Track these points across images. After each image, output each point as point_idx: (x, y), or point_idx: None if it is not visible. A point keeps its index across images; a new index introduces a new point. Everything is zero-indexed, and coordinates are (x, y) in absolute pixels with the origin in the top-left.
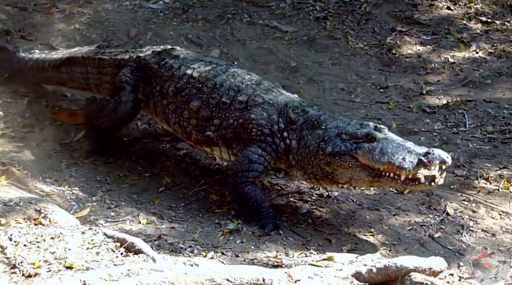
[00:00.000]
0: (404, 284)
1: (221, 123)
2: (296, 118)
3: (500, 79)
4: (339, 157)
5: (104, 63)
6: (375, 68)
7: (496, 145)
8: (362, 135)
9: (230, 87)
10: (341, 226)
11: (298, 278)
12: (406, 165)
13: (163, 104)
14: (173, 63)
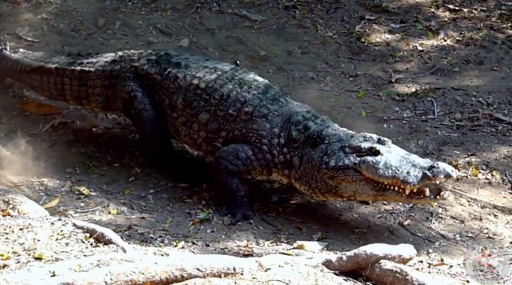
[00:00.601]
0: (374, 271)
1: (227, 135)
2: (298, 136)
3: (468, 66)
4: (342, 171)
5: (89, 75)
6: (344, 56)
7: (465, 132)
8: (366, 148)
9: (237, 98)
10: (311, 214)
11: (269, 266)
12: (411, 179)
13: (173, 117)
14: (177, 73)
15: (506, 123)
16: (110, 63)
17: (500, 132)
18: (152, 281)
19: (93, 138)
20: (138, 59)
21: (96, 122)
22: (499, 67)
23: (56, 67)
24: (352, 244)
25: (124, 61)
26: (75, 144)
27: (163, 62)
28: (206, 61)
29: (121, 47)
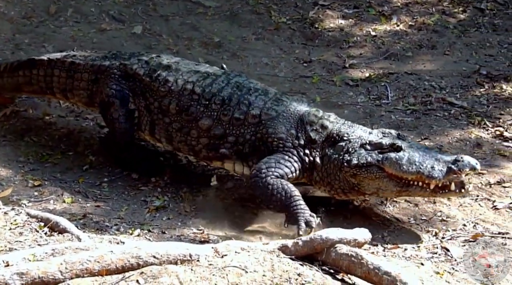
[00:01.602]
0: (329, 256)
1: (237, 140)
2: (317, 137)
3: (421, 51)
4: (365, 169)
5: (78, 67)
6: (298, 42)
7: (418, 116)
8: (387, 145)
9: (240, 101)
10: None
11: (225, 253)
12: (436, 174)
13: (166, 122)
14: (168, 77)
15: (459, 107)
16: (100, 58)
17: (452, 116)
18: (108, 269)
19: (46, 127)
20: (129, 57)
21: (49, 110)
22: (451, 51)
23: (49, 58)
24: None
25: (114, 58)
26: (28, 133)
27: (153, 64)
28: (196, 66)
29: (74, 35)
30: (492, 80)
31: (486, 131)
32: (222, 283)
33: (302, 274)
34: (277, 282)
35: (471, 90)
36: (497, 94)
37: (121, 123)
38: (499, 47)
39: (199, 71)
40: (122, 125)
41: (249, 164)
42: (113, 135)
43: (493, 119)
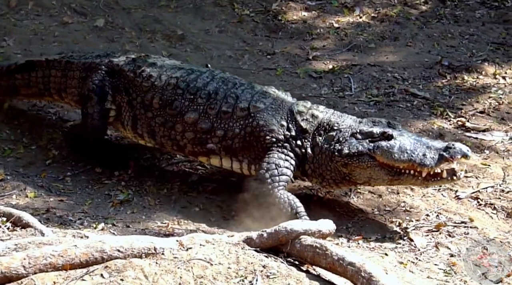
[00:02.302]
0: (294, 247)
1: (225, 134)
2: (308, 127)
3: (383, 43)
4: (356, 158)
5: (71, 66)
6: (261, 34)
7: (381, 108)
8: (378, 133)
9: (227, 95)
10: (231, 193)
11: (190, 245)
12: (428, 161)
13: (148, 117)
14: (151, 72)
15: (421, 98)
16: (94, 57)
17: (415, 107)
18: (72, 263)
19: (8, 121)
20: (119, 55)
21: (11, 104)
22: (413, 42)
23: (46, 58)
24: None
25: (106, 56)
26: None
27: (139, 61)
28: (181, 64)
29: (35, 28)
30: (454, 71)
31: (449, 121)
32: (187, 276)
33: (267, 266)
34: (242, 274)
35: (434, 81)
36: (459, 85)
37: (94, 119)
38: (461, 38)
39: (183, 68)
40: (95, 122)
41: (238, 159)
42: (84, 129)
43: (455, 109)
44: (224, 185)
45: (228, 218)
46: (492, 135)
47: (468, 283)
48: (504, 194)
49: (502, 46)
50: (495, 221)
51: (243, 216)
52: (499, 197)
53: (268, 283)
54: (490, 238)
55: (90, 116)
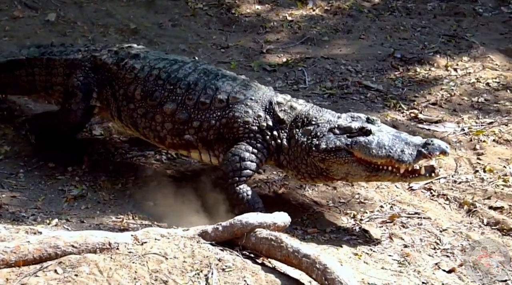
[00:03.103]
0: (249, 240)
1: (201, 125)
2: (285, 117)
3: (337, 35)
4: (334, 153)
5: (54, 63)
6: (215, 28)
7: (335, 100)
8: (357, 128)
9: (207, 86)
10: (187, 186)
11: (145, 240)
12: (406, 157)
13: (130, 108)
14: (134, 64)
15: (374, 90)
16: (74, 52)
17: (369, 99)
18: (25, 260)
19: None
20: (100, 49)
21: None
22: (366, 35)
23: (27, 57)
24: (227, 214)
25: (87, 50)
26: None
27: (121, 53)
28: (166, 55)
29: None
30: (406, 63)
31: (402, 113)
32: (142, 270)
33: (222, 259)
34: (197, 268)
35: (386, 74)
36: (411, 77)
37: (77, 116)
38: (413, 30)
39: (166, 59)
40: (78, 119)
41: (215, 154)
42: (62, 123)
43: (408, 101)
44: (180, 178)
45: (183, 212)
46: (445, 126)
47: (421, 273)
48: (456, 185)
49: (454, 38)
50: (448, 212)
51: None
52: (452, 188)
53: (223, 276)
54: (443, 229)
55: (73, 113)
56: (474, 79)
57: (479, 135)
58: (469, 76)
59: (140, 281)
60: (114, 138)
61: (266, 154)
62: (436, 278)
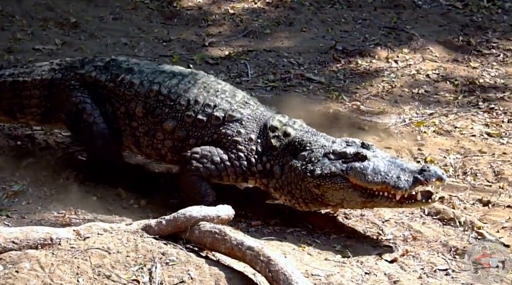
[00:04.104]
0: (193, 234)
1: (196, 143)
2: (278, 144)
3: (279, 28)
4: (329, 179)
5: (25, 85)
6: (157, 21)
7: (278, 93)
8: (352, 154)
9: (206, 103)
10: (132, 181)
11: (87, 235)
12: (402, 184)
13: (133, 127)
14: (132, 79)
15: (317, 82)
16: (48, 71)
17: (311, 91)
18: None
19: None
20: (82, 66)
21: None
22: (308, 28)
23: None
24: (170, 209)
25: (65, 68)
26: None
27: (113, 69)
28: (159, 66)
29: None
30: (348, 55)
31: (344, 105)
32: (85, 265)
33: (166, 253)
34: (141, 262)
35: (328, 66)
36: (353, 69)
37: (98, 124)
38: (354, 23)
39: (164, 71)
40: (100, 126)
41: None
42: (93, 142)
43: (350, 93)
44: (122, 174)
45: (127, 206)
46: (386, 117)
47: (364, 263)
48: None
49: (394, 30)
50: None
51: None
52: None
53: (167, 270)
54: (385, 219)
55: (93, 124)
56: (414, 71)
57: (420, 126)
58: (409, 68)
59: (83, 277)
60: (55, 132)
61: (238, 173)
62: (378, 268)
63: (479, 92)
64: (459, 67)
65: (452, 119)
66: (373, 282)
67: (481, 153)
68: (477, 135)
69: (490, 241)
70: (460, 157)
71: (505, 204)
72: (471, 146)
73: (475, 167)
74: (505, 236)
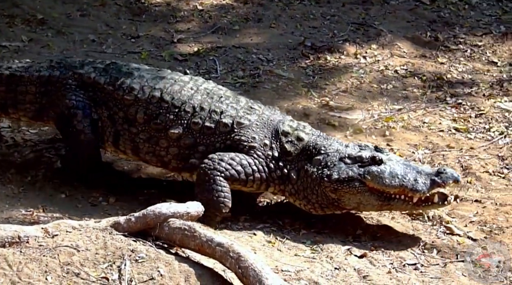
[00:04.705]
0: (163, 230)
1: (206, 150)
2: (292, 149)
3: (248, 24)
4: (346, 183)
5: (21, 80)
6: (125, 18)
7: (247, 89)
8: (368, 158)
9: (212, 110)
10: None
11: (56, 233)
12: (420, 187)
13: (132, 133)
14: (132, 84)
15: (286, 78)
16: (47, 69)
17: (280, 88)
18: None
19: None
20: (81, 66)
21: None
22: (277, 24)
23: None
24: (139, 206)
25: (64, 67)
26: None
27: (112, 72)
28: (159, 71)
29: None
30: (316, 51)
31: (313, 101)
32: (53, 263)
33: (135, 250)
34: (110, 260)
35: (297, 62)
36: (321, 65)
37: (87, 134)
38: (322, 19)
39: (164, 77)
40: (88, 136)
41: None
42: (78, 148)
43: (319, 89)
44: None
45: (96, 204)
46: (355, 113)
47: (334, 259)
48: None
49: (362, 26)
50: None
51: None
52: None
53: (136, 267)
54: (356, 215)
55: (81, 133)
56: (382, 67)
57: (389, 122)
58: (378, 64)
59: (51, 274)
60: (23, 130)
61: (262, 178)
62: (348, 263)
63: (447, 88)
64: (427, 62)
65: (420, 114)
66: (343, 277)
67: (449, 148)
68: (445, 130)
69: (458, 235)
70: (428, 152)
71: (473, 198)
72: (439, 141)
73: (443, 162)
74: (473, 231)
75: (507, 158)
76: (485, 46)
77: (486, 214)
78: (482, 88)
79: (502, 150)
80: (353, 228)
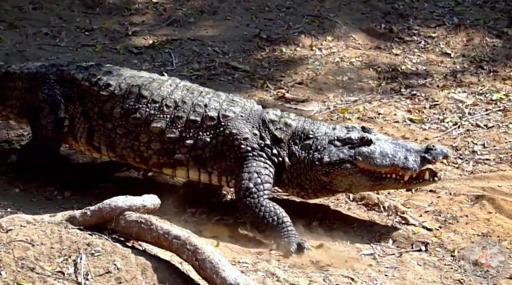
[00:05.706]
0: (119, 224)
1: (195, 144)
2: (283, 136)
3: (203, 17)
4: (338, 166)
5: (13, 77)
6: (78, 11)
7: (203, 81)
8: (357, 139)
9: (195, 103)
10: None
11: (10, 227)
12: (411, 164)
13: (107, 128)
14: (109, 81)
15: (242, 70)
16: (37, 67)
17: (236, 80)
18: None
19: None
20: (67, 65)
21: None
22: (232, 16)
23: None
24: (94, 199)
25: (53, 65)
26: None
27: (92, 70)
28: (139, 72)
29: None
30: (272, 43)
31: (269, 93)
32: (8, 258)
33: (91, 244)
34: (65, 254)
35: (253, 54)
36: (277, 57)
37: (48, 130)
38: (278, 11)
39: (143, 76)
40: (50, 133)
41: (207, 170)
42: (38, 142)
43: (275, 81)
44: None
45: (51, 198)
46: (311, 105)
47: None
48: None
49: (317, 18)
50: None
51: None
52: None
53: (92, 261)
54: (311, 205)
55: (43, 128)
56: (338, 59)
57: (344, 113)
58: (333, 56)
59: (6, 269)
60: None
61: (275, 170)
62: (305, 254)
63: (402, 79)
64: (381, 54)
65: (375, 105)
66: (300, 267)
67: (404, 139)
68: (400, 121)
69: (413, 225)
70: None
71: (427, 188)
72: (394, 132)
73: None
74: (428, 220)
75: (461, 148)
76: (438, 37)
77: (440, 204)
78: (436, 79)
79: (456, 140)
80: (309, 219)
